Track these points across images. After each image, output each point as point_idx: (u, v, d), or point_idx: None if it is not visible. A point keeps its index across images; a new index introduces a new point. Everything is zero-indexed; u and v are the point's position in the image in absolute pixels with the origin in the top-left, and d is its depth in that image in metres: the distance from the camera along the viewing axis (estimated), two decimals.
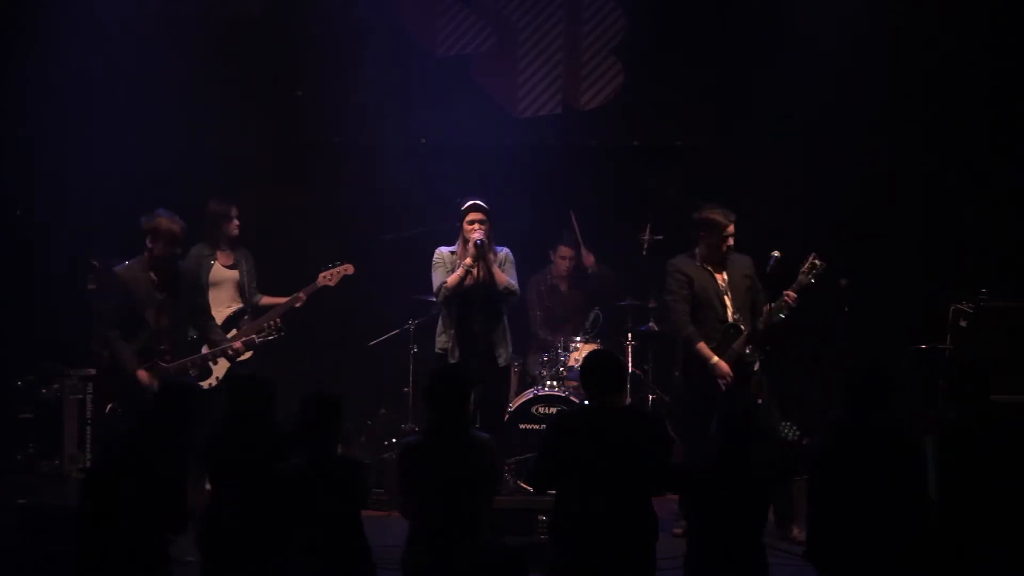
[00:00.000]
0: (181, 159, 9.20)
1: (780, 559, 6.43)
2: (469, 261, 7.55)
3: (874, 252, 8.98)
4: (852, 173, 9.23)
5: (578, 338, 8.75)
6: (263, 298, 8.50)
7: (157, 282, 7.32)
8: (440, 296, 7.68)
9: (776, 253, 7.35)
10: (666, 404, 8.67)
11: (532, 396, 8.32)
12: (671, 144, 9.56)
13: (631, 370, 8.56)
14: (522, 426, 8.19)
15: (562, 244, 9.21)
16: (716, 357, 7.28)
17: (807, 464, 5.64)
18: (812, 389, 8.83)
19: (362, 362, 9.08)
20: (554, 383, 8.44)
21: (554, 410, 8.04)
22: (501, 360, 7.75)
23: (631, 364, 8.60)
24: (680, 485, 5.47)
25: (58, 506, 6.49)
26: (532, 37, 9.83)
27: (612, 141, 9.74)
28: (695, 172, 9.25)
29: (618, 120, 9.75)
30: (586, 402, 6.12)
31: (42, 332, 8.79)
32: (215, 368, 7.76)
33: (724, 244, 7.40)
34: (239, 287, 8.45)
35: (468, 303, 7.63)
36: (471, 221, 7.60)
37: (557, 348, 8.68)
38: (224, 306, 8.28)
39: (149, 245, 7.32)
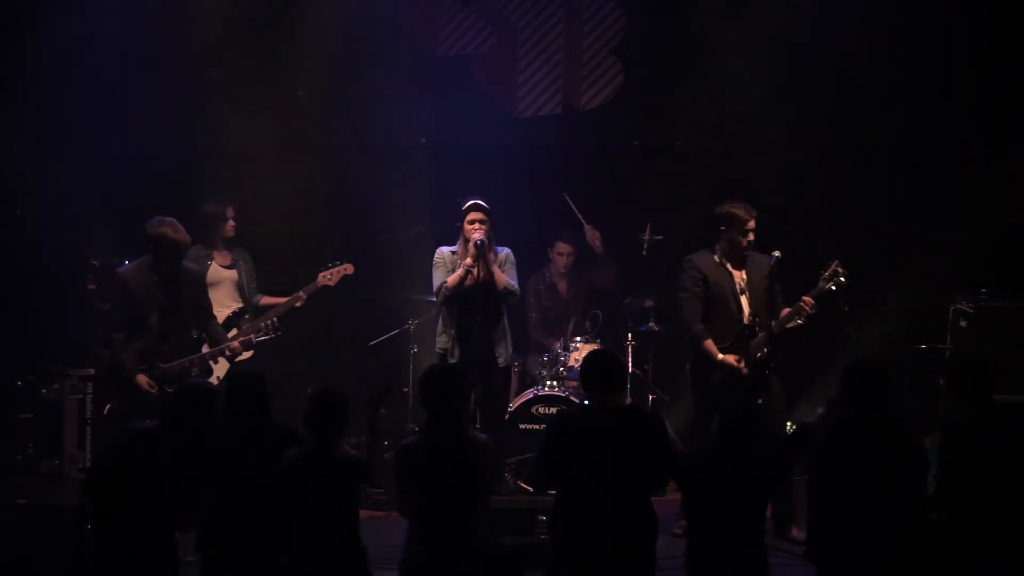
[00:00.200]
0: (181, 159, 9.20)
1: (780, 559, 6.43)
2: (469, 261, 7.55)
3: (874, 252, 8.97)
4: (852, 173, 9.22)
5: (578, 338, 8.76)
6: (263, 298, 8.51)
7: (159, 284, 7.33)
8: (440, 296, 7.68)
9: (776, 253, 7.34)
10: (666, 403, 8.68)
11: (532, 396, 8.33)
12: (671, 144, 9.56)
13: (631, 370, 8.56)
14: (522, 426, 8.20)
15: (560, 240, 9.19)
16: (720, 355, 7.24)
17: (807, 464, 5.64)
18: (812, 389, 8.83)
19: (362, 362, 9.08)
20: (554, 383, 8.44)
21: (554, 410, 8.04)
22: (501, 360, 7.75)
23: (631, 364, 8.60)
24: (682, 473, 5.47)
25: (58, 506, 6.48)
26: (532, 37, 9.84)
27: (612, 141, 9.73)
28: (695, 172, 9.24)
29: (618, 120, 9.75)
30: (586, 402, 6.12)
31: (42, 332, 8.78)
32: (215, 368, 7.76)
33: (745, 239, 7.34)
34: (238, 287, 8.46)
35: (468, 303, 7.63)
36: (471, 221, 7.60)
37: (556, 349, 8.68)
38: (222, 306, 8.28)
39: (152, 251, 7.32)
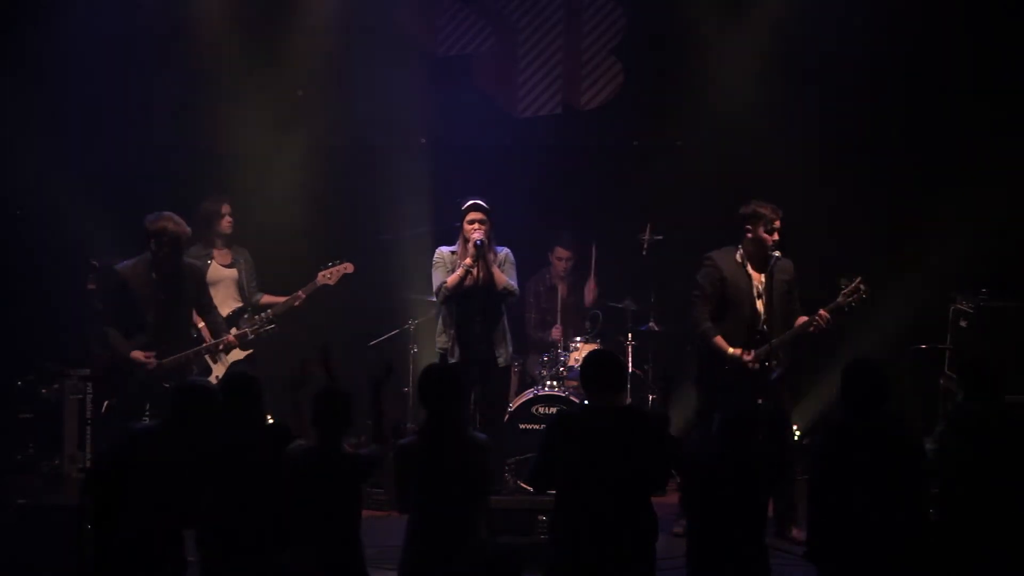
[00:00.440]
0: (181, 159, 9.20)
1: (780, 559, 6.42)
2: (469, 261, 7.56)
3: (874, 252, 8.97)
4: (852, 173, 9.22)
5: (578, 338, 8.76)
6: (263, 297, 8.52)
7: (159, 281, 7.33)
8: (440, 296, 7.68)
9: (776, 253, 7.33)
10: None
11: (532, 396, 8.33)
12: (671, 144, 9.56)
13: (631, 370, 8.57)
14: (522, 426, 8.20)
15: (559, 245, 9.18)
16: (731, 349, 7.21)
17: (807, 464, 5.64)
18: (812, 389, 8.83)
19: (362, 362, 9.07)
20: (554, 383, 8.44)
21: (554, 410, 8.04)
22: (501, 360, 7.76)
23: (631, 364, 8.61)
24: (683, 473, 5.47)
25: (58, 506, 6.48)
26: (532, 37, 9.84)
27: (612, 141, 9.74)
28: (695, 172, 9.24)
29: (618, 120, 9.75)
30: (586, 402, 6.12)
31: (42, 332, 8.79)
32: (215, 367, 7.76)
33: (771, 239, 7.29)
34: (238, 286, 8.47)
35: (468, 303, 7.64)
36: (471, 221, 7.61)
37: (555, 337, 8.68)
38: (222, 305, 8.29)
39: (153, 246, 7.32)
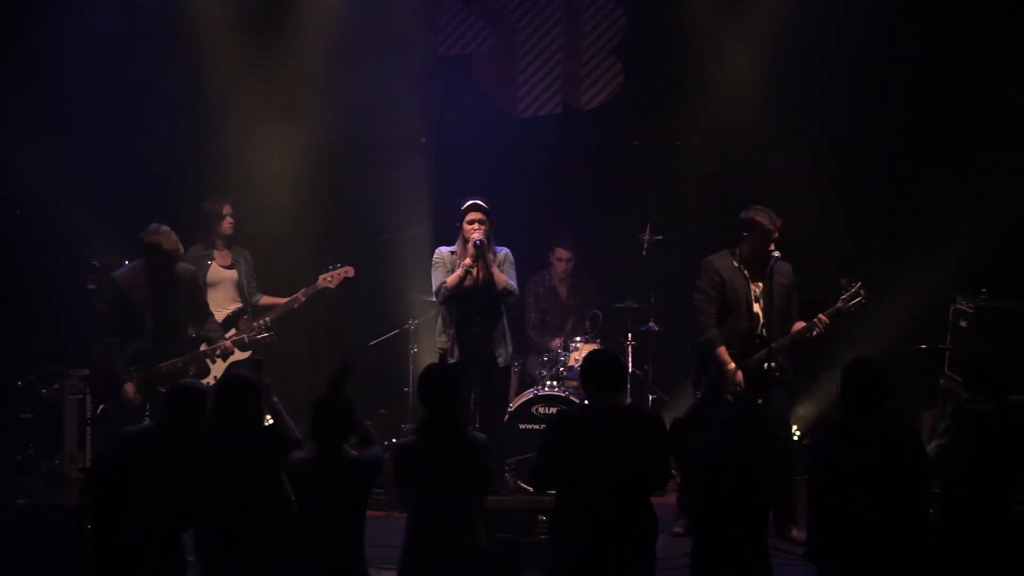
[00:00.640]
0: (180, 159, 9.20)
1: (780, 559, 6.42)
2: (469, 261, 7.56)
3: (874, 252, 8.97)
4: (852, 173, 9.22)
5: (578, 338, 8.76)
6: (263, 298, 8.52)
7: (155, 287, 7.37)
8: (440, 296, 7.68)
9: (776, 253, 7.33)
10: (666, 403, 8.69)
11: (532, 396, 8.33)
12: (671, 144, 9.56)
13: (631, 370, 8.56)
14: (522, 426, 8.20)
15: (559, 247, 9.18)
16: (733, 364, 7.19)
17: (807, 464, 5.64)
18: (812, 389, 8.83)
19: (362, 362, 9.06)
20: (554, 383, 8.44)
21: (554, 410, 8.04)
22: (501, 360, 7.76)
23: (631, 364, 8.60)
24: (684, 473, 5.47)
25: (58, 506, 6.49)
26: (532, 37, 9.83)
27: (612, 141, 9.74)
28: (695, 172, 9.24)
29: (618, 120, 9.75)
30: (586, 402, 6.12)
31: (42, 332, 8.79)
32: (213, 368, 7.77)
33: (766, 247, 7.26)
34: (238, 287, 8.47)
35: (468, 303, 7.64)
36: (471, 221, 7.61)
37: (554, 349, 8.68)
38: (222, 306, 8.30)
39: (147, 256, 7.38)
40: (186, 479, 5.33)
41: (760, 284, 7.32)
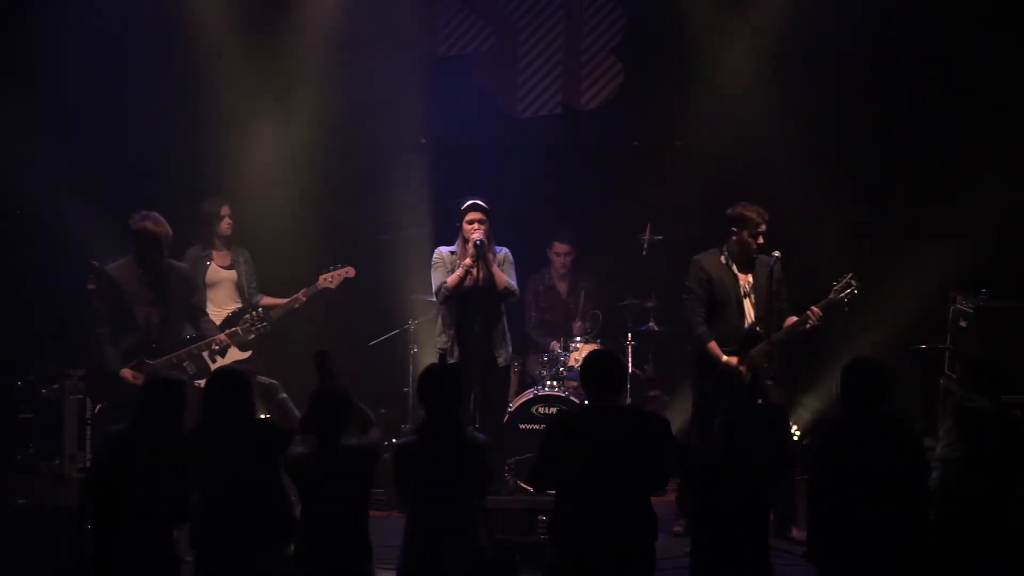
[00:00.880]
0: (180, 159, 9.21)
1: (780, 559, 6.42)
2: (469, 261, 7.56)
3: (874, 252, 8.96)
4: (852, 173, 9.22)
5: (578, 338, 8.76)
6: (263, 298, 8.52)
7: (147, 280, 7.37)
8: (440, 296, 7.69)
9: (776, 253, 7.33)
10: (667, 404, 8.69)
11: (532, 396, 8.33)
12: (671, 144, 9.55)
13: (631, 370, 8.56)
14: (522, 426, 8.20)
15: (557, 240, 9.17)
16: (725, 356, 7.22)
17: (807, 464, 5.64)
18: (812, 389, 8.83)
19: (362, 362, 9.08)
20: (554, 383, 8.44)
21: (554, 410, 8.04)
22: (500, 360, 7.77)
23: (631, 364, 8.60)
24: (684, 473, 5.47)
25: (58, 506, 6.48)
26: (532, 37, 9.83)
27: (612, 141, 9.73)
28: (695, 172, 9.24)
29: (618, 120, 9.75)
30: (586, 402, 6.12)
31: (42, 332, 8.79)
32: (213, 367, 7.76)
33: (755, 242, 7.29)
34: (237, 287, 8.47)
35: (468, 303, 7.64)
36: (471, 221, 7.61)
37: (555, 350, 8.67)
38: (223, 306, 8.30)
39: (136, 246, 7.40)
40: (177, 473, 5.32)
41: (750, 280, 7.33)
